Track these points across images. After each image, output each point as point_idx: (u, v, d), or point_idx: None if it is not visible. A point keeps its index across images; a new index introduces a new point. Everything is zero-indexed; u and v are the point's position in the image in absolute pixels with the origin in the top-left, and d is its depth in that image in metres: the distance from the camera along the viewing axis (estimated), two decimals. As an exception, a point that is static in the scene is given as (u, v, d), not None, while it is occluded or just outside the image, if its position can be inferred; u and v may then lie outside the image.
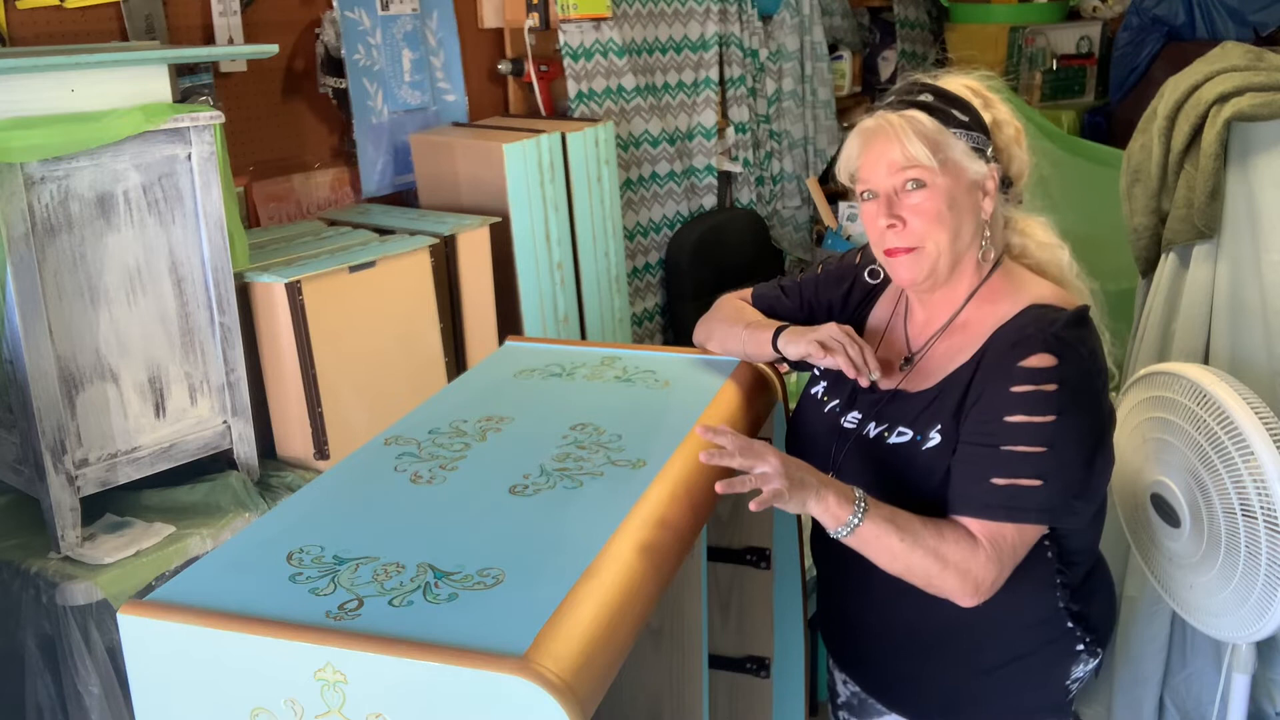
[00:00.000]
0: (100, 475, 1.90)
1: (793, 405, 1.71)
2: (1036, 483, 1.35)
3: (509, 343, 1.78)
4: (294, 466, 2.24)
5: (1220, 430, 1.82)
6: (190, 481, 2.06)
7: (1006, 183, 1.51)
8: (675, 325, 3.76)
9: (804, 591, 1.77)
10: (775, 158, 4.25)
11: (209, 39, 2.56)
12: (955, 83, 1.51)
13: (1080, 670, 1.55)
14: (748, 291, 1.78)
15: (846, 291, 1.67)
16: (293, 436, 2.24)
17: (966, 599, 1.36)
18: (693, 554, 1.32)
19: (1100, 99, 4.83)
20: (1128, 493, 2.09)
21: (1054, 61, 4.81)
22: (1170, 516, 1.96)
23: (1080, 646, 1.53)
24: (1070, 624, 1.50)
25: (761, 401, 1.60)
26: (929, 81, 1.50)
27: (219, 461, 2.10)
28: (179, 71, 2.43)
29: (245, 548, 1.16)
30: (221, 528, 1.96)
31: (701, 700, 1.43)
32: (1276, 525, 1.77)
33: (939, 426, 1.43)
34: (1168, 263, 2.34)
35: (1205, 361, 2.24)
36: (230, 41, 2.58)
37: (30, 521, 1.94)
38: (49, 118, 1.76)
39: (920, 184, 1.43)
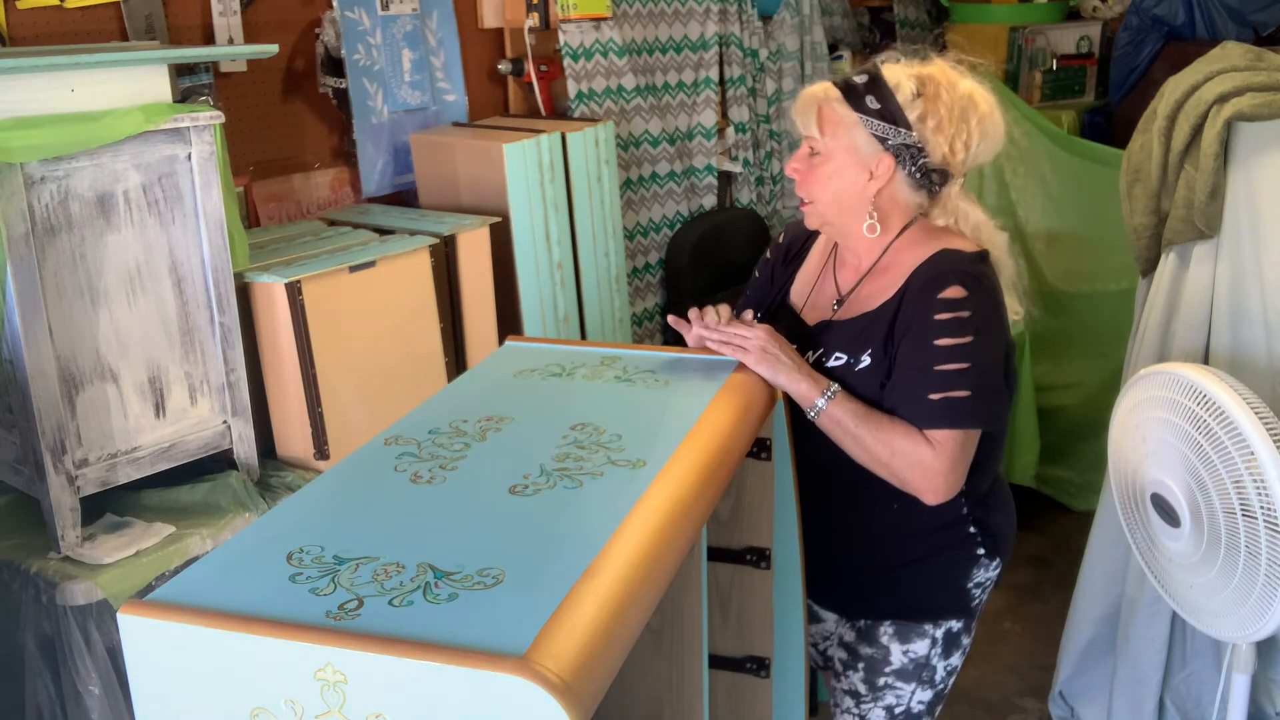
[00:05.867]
0: (100, 475, 1.90)
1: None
2: (966, 393, 1.59)
3: (509, 343, 1.78)
4: (294, 466, 2.24)
5: (1220, 430, 1.82)
6: (190, 481, 2.06)
7: (931, 172, 1.67)
8: (675, 325, 3.76)
9: (804, 591, 1.77)
10: (775, 158, 4.25)
11: (209, 39, 2.56)
12: (908, 72, 1.67)
13: (981, 575, 1.78)
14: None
15: (785, 251, 1.93)
16: (293, 436, 2.24)
17: (930, 495, 1.61)
18: (693, 554, 1.32)
19: (1100, 99, 4.83)
20: (1127, 493, 2.09)
21: (1054, 61, 4.81)
22: (1170, 516, 1.96)
23: (980, 551, 1.76)
24: (972, 529, 1.74)
25: (762, 400, 1.60)
26: (876, 65, 1.68)
27: (219, 461, 2.10)
28: (179, 71, 2.43)
29: (245, 548, 1.16)
30: (221, 528, 1.96)
31: (701, 700, 1.43)
32: (1276, 525, 1.77)
33: (869, 351, 1.67)
34: (1168, 263, 2.34)
35: (1205, 361, 2.24)
36: (230, 41, 2.58)
37: (30, 521, 1.94)
38: (49, 118, 1.76)
39: (814, 151, 1.70)
